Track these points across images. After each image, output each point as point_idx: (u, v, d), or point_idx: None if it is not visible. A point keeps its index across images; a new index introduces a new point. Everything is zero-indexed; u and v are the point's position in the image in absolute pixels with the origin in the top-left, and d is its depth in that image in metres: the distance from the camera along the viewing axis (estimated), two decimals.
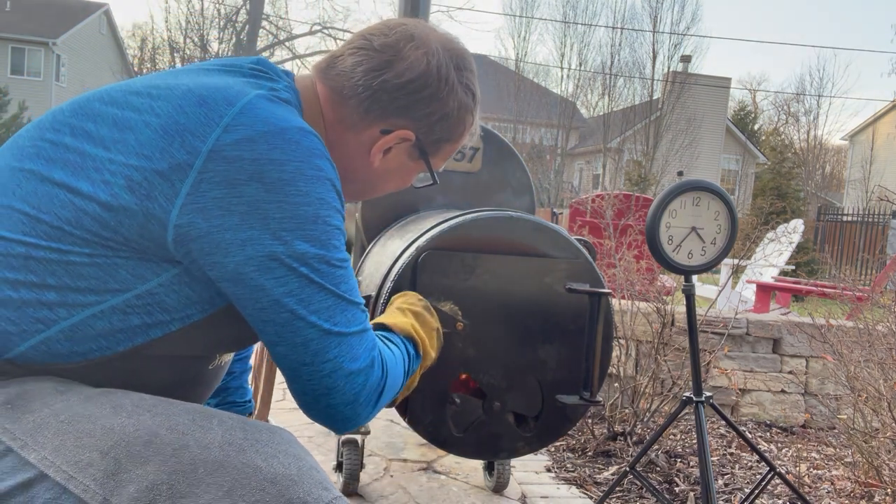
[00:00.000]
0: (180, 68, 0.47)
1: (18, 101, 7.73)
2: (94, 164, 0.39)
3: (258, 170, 0.38)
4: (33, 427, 0.36)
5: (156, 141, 0.39)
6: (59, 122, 0.42)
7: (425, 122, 0.48)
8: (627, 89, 12.30)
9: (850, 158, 13.41)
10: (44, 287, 0.38)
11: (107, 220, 0.38)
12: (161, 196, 0.38)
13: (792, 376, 1.60)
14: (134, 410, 0.37)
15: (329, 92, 0.47)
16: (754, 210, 6.13)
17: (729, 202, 0.92)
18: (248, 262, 0.38)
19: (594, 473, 1.22)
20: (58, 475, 0.34)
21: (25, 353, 0.39)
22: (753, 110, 16.68)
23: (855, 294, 1.55)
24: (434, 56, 0.47)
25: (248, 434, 0.38)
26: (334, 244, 0.41)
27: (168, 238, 0.38)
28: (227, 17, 7.70)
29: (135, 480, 0.34)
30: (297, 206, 0.39)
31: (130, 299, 0.39)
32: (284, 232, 0.39)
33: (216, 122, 0.39)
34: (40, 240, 0.38)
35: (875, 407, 1.15)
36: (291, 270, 0.39)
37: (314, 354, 0.40)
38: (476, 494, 1.08)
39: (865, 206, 7.56)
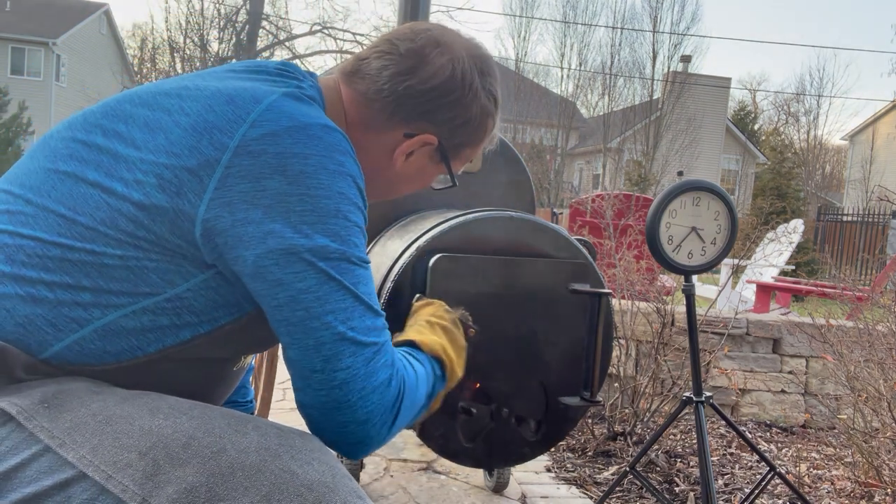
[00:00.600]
0: (208, 71, 0.47)
1: (18, 101, 7.73)
2: (126, 164, 0.40)
3: (282, 163, 0.39)
4: (71, 426, 0.36)
5: (185, 139, 0.40)
6: (91, 123, 0.42)
7: (448, 126, 0.49)
8: (627, 89, 12.33)
9: (850, 158, 13.41)
10: (79, 288, 0.39)
11: (141, 219, 0.39)
12: (190, 192, 0.39)
13: (792, 376, 1.60)
14: (171, 413, 0.38)
15: (353, 94, 0.48)
16: (754, 210, 6.14)
17: (729, 202, 0.92)
18: (269, 255, 0.38)
19: (594, 473, 1.22)
20: (97, 474, 0.34)
21: (60, 352, 0.39)
22: (753, 110, 16.69)
23: (855, 294, 1.55)
24: (459, 62, 0.48)
25: (284, 440, 0.38)
26: (354, 241, 0.40)
27: (196, 234, 0.39)
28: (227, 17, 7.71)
29: (173, 482, 0.34)
30: (318, 198, 0.39)
31: (160, 302, 0.40)
32: (305, 225, 0.39)
33: (243, 118, 0.40)
34: (75, 241, 0.39)
35: (875, 407, 1.15)
36: (310, 265, 0.39)
37: (326, 360, 0.39)
38: (476, 494, 1.08)
39: (865, 206, 7.54)
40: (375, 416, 0.40)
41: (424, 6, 1.14)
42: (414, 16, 1.12)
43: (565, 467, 1.24)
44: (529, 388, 0.76)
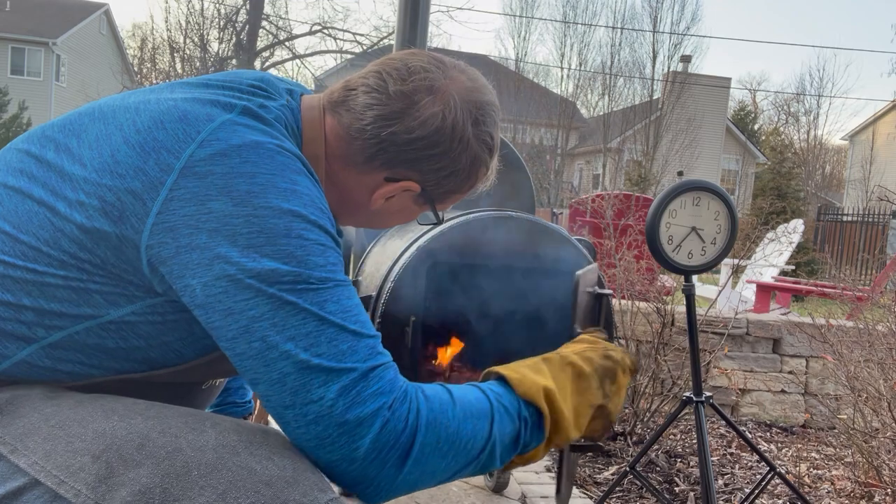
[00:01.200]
0: (182, 82, 0.45)
1: (18, 101, 7.73)
2: (70, 183, 0.38)
3: (227, 183, 0.36)
4: (23, 431, 0.36)
5: (132, 158, 0.37)
6: (47, 136, 0.41)
7: (433, 176, 0.45)
8: (627, 89, 12.32)
9: (850, 158, 13.42)
10: (20, 307, 0.38)
11: (84, 241, 0.37)
12: (133, 217, 0.36)
13: (792, 376, 1.60)
14: (126, 414, 0.37)
15: (336, 125, 0.45)
16: (754, 210, 6.14)
17: (729, 202, 0.92)
18: (216, 283, 0.35)
19: (594, 473, 1.22)
20: (49, 480, 0.34)
21: (9, 370, 0.39)
22: (753, 110, 16.70)
23: (855, 294, 1.55)
24: (451, 112, 0.43)
25: (243, 436, 0.37)
26: (314, 261, 0.36)
27: (143, 262, 0.37)
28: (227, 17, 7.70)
29: (127, 484, 0.33)
30: (265, 218, 0.36)
31: (104, 324, 0.38)
32: (251, 249, 0.35)
33: (192, 137, 0.38)
34: (17, 259, 0.38)
35: (875, 407, 1.15)
36: (259, 291, 0.35)
37: (293, 393, 0.35)
38: (476, 494, 1.08)
39: (865, 206, 7.53)
40: (371, 454, 0.35)
41: (424, 6, 1.13)
42: (414, 16, 1.12)
43: None
44: None
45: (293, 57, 7.92)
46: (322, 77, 8.61)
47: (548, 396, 0.42)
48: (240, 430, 0.38)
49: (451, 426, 0.38)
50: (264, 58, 7.98)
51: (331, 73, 9.33)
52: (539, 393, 0.42)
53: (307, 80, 8.71)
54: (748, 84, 17.96)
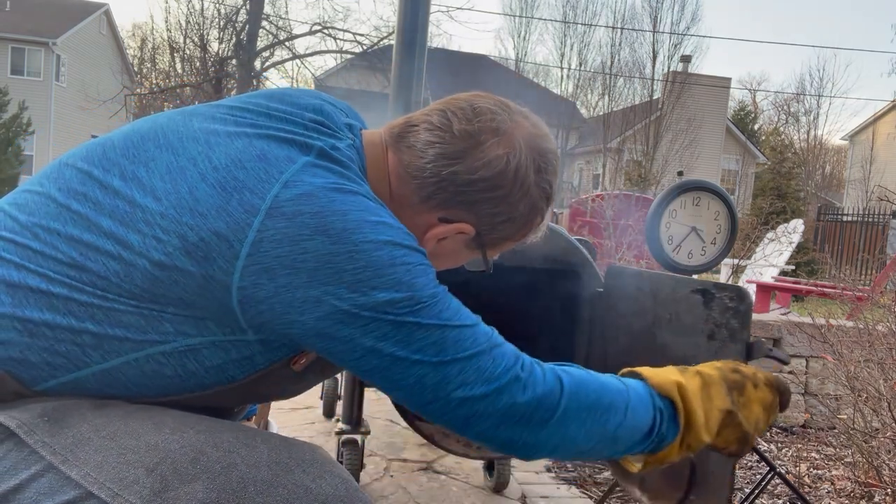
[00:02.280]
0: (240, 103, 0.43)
1: (18, 101, 7.72)
2: (143, 217, 0.37)
3: (321, 223, 0.36)
4: (74, 441, 0.35)
5: (212, 197, 0.37)
6: (110, 160, 0.40)
7: (489, 221, 0.44)
8: (627, 89, 12.31)
9: (850, 158, 13.41)
10: (81, 331, 0.37)
11: (160, 277, 0.37)
12: (220, 258, 0.36)
13: (792, 376, 1.60)
14: (177, 427, 0.37)
15: (398, 164, 0.44)
16: (754, 210, 6.14)
17: (729, 202, 0.92)
18: (329, 317, 0.36)
19: (594, 473, 1.22)
20: (102, 492, 0.33)
21: (54, 388, 0.38)
22: (753, 110, 16.72)
23: (855, 294, 1.55)
24: (515, 157, 0.43)
25: (294, 453, 0.37)
26: (421, 282, 0.38)
27: (233, 301, 0.36)
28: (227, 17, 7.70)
29: (182, 498, 0.33)
30: (368, 252, 0.36)
31: (168, 351, 0.38)
32: (361, 284, 0.36)
33: (275, 178, 0.37)
34: (85, 285, 0.37)
35: (875, 407, 1.15)
36: (378, 319, 0.36)
37: (434, 390, 0.37)
38: (476, 494, 1.08)
39: (865, 206, 7.50)
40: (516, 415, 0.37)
41: (424, 6, 1.13)
42: (414, 16, 1.12)
43: (565, 467, 1.24)
44: None
45: (293, 57, 7.93)
46: (322, 77, 8.60)
47: (681, 390, 0.42)
48: (289, 446, 0.38)
49: (591, 396, 0.39)
50: (264, 58, 7.98)
51: (331, 73, 9.32)
52: (673, 386, 0.42)
53: (307, 81, 8.71)
54: (748, 84, 18.01)
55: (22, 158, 7.48)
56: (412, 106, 1.14)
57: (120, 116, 7.97)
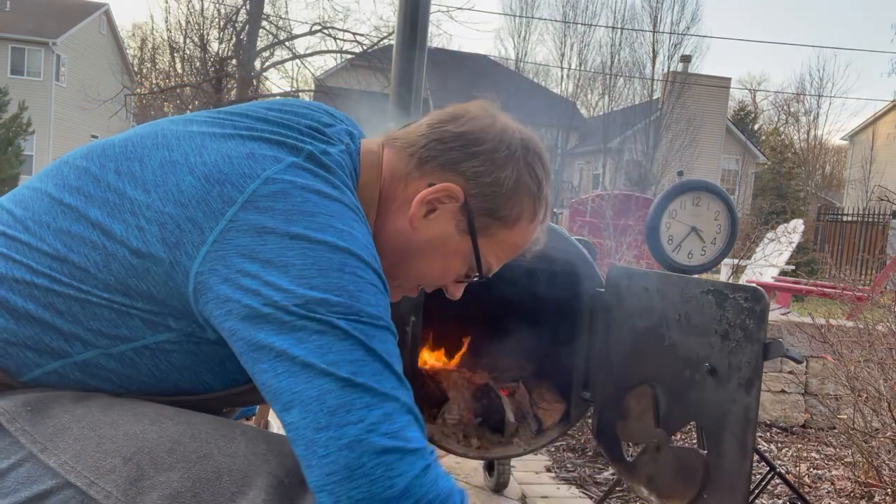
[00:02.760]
0: (241, 110, 0.44)
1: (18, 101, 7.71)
2: (130, 208, 0.38)
3: (287, 219, 0.36)
4: (53, 431, 0.36)
5: (196, 189, 0.38)
6: (108, 156, 0.41)
7: (475, 181, 0.43)
8: (627, 89, 12.29)
9: (850, 158, 13.40)
10: (62, 321, 0.38)
11: (135, 266, 0.37)
12: (189, 244, 0.37)
13: (792, 376, 1.60)
14: (156, 418, 0.37)
15: (391, 151, 0.45)
16: (754, 210, 6.14)
17: (729, 202, 0.92)
18: (262, 307, 0.34)
19: (594, 473, 1.22)
20: (78, 480, 0.34)
21: (40, 377, 0.39)
22: (753, 110, 16.70)
23: (855, 294, 1.54)
24: (502, 125, 0.45)
25: (272, 445, 0.37)
26: (367, 298, 0.36)
27: (189, 289, 0.37)
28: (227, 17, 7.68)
29: (158, 487, 0.33)
30: (321, 252, 0.35)
31: (138, 348, 0.39)
32: (303, 279, 0.35)
33: (258, 174, 0.38)
34: (64, 277, 0.38)
35: (875, 407, 1.15)
36: (307, 317, 0.34)
37: (331, 413, 0.32)
38: (476, 494, 1.08)
39: (865, 206, 7.50)
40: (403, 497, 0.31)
41: (424, 6, 1.13)
42: (414, 16, 1.12)
43: (565, 467, 1.24)
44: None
45: (293, 57, 7.91)
46: (322, 77, 8.59)
47: None
48: (269, 439, 0.38)
49: None
50: (264, 58, 7.97)
51: (331, 72, 9.31)
52: None
53: (307, 81, 8.71)
54: (748, 84, 18.01)
55: (22, 158, 7.47)
56: (412, 106, 1.14)
57: (120, 116, 7.97)
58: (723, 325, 0.68)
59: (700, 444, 0.77)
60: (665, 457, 0.77)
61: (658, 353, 0.77)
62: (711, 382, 0.69)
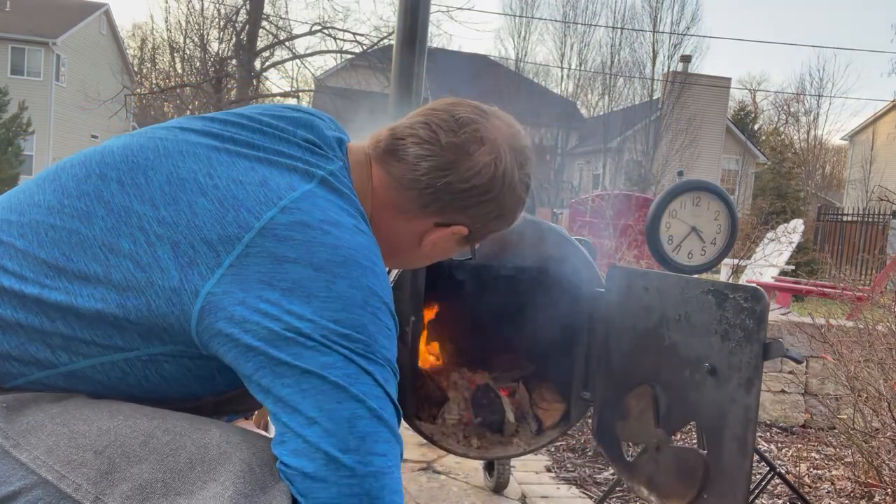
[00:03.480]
0: (234, 119, 0.44)
1: (18, 101, 7.72)
2: (138, 223, 0.38)
3: (308, 251, 0.37)
4: (27, 428, 0.36)
5: (210, 210, 0.38)
6: (109, 165, 0.41)
7: (482, 220, 0.48)
8: (627, 89, 12.29)
9: (850, 158, 13.41)
10: (51, 331, 0.38)
11: (137, 278, 0.37)
12: (203, 265, 0.37)
13: (792, 376, 1.60)
14: (131, 414, 0.37)
15: (387, 177, 0.46)
16: (754, 210, 6.14)
17: (729, 202, 0.92)
18: (284, 332, 0.35)
19: (594, 473, 1.22)
20: (49, 475, 0.34)
21: (23, 386, 0.39)
22: (753, 110, 16.68)
23: (855, 294, 1.54)
24: (501, 162, 0.46)
25: (247, 436, 0.38)
26: (382, 342, 0.37)
27: (194, 308, 0.36)
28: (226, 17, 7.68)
29: (128, 479, 0.34)
30: (347, 288, 0.37)
31: (131, 359, 0.38)
32: (326, 311, 0.36)
33: (274, 202, 0.38)
34: (59, 285, 0.38)
35: (875, 407, 1.14)
36: (330, 347, 0.35)
37: (362, 438, 0.35)
38: (476, 494, 1.08)
39: (865, 206, 7.52)
40: None
41: (424, 6, 1.13)
42: (414, 16, 1.12)
43: (565, 467, 1.24)
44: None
45: (293, 57, 7.91)
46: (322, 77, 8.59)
47: None
48: (245, 433, 0.39)
49: None
50: (264, 58, 7.98)
51: (331, 73, 9.32)
52: None
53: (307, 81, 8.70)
54: (748, 84, 17.97)
55: (22, 158, 7.48)
56: (412, 106, 1.14)
57: (120, 116, 7.96)
58: (723, 325, 0.68)
59: (700, 444, 0.77)
60: (665, 457, 0.77)
61: (658, 354, 0.77)
62: (711, 382, 0.69)
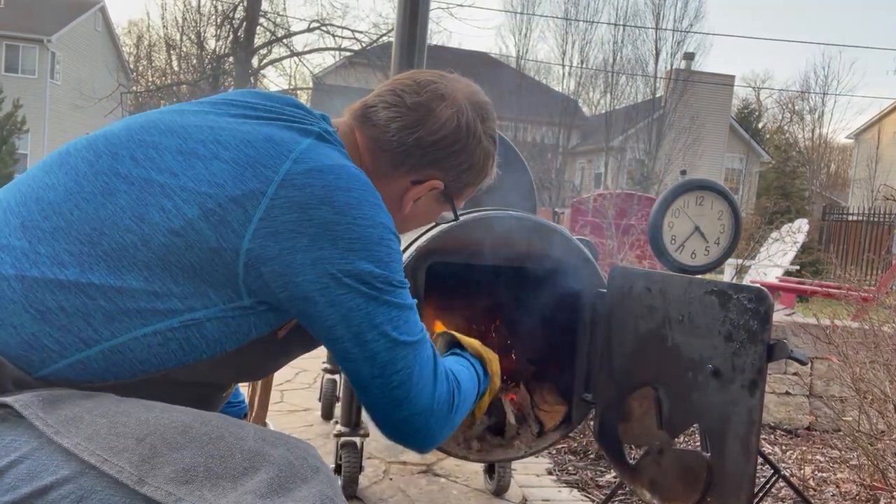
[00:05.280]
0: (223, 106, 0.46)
1: (13, 98, 7.70)
2: (162, 191, 0.40)
3: (328, 195, 0.41)
4: (66, 418, 0.36)
5: (227, 170, 0.41)
6: (116, 144, 0.43)
7: (454, 172, 0.52)
8: (630, 87, 12.26)
9: (856, 157, 13.33)
10: (93, 308, 0.39)
11: (175, 244, 0.40)
12: (235, 222, 0.40)
13: (796, 378, 1.59)
14: (166, 409, 0.39)
15: (367, 140, 0.51)
16: (758, 209, 6.10)
17: (732, 201, 0.91)
18: (318, 281, 0.41)
19: (596, 476, 1.21)
20: (92, 458, 0.35)
21: (62, 369, 0.39)
22: (757, 108, 16.58)
23: (860, 295, 1.53)
24: (463, 114, 0.51)
25: (279, 435, 0.40)
26: (396, 267, 0.44)
27: (239, 264, 0.40)
28: (224, 14, 7.66)
29: (171, 463, 0.34)
30: (365, 228, 0.42)
31: (175, 325, 0.40)
32: (352, 252, 0.41)
33: (286, 155, 0.42)
34: (98, 262, 0.39)
35: (881, 409, 1.13)
36: (355, 288, 0.41)
37: (382, 367, 0.43)
38: (476, 498, 1.07)
39: (871, 205, 7.44)
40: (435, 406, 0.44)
41: (424, 3, 1.12)
42: (413, 13, 1.11)
43: (567, 470, 1.23)
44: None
45: (291, 54, 7.90)
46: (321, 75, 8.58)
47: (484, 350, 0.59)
48: (272, 431, 0.41)
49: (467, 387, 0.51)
50: (262, 55, 7.95)
51: (329, 70, 9.30)
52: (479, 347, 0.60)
53: (305, 79, 8.70)
54: (752, 82, 17.87)
55: (16, 157, 7.46)
56: None
57: (116, 114, 7.96)
58: (726, 326, 0.67)
59: (703, 447, 0.76)
60: (668, 459, 0.76)
61: (661, 355, 0.76)
62: (715, 384, 0.69)
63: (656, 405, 0.77)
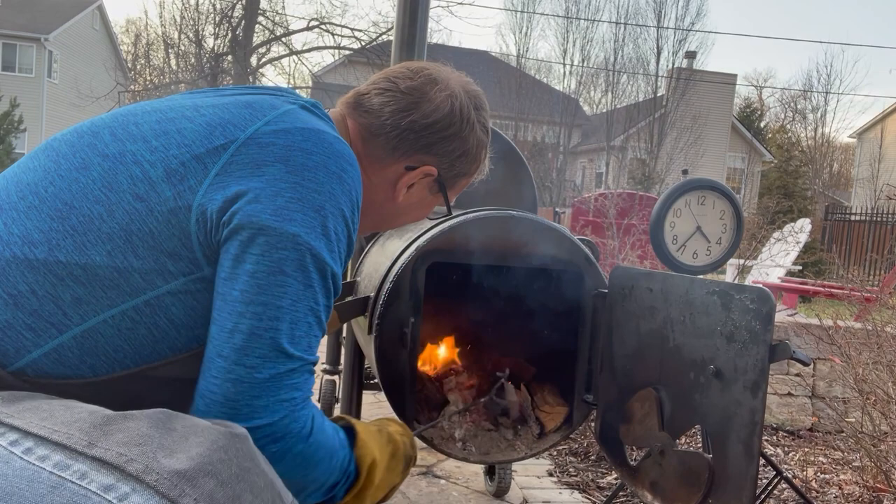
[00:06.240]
0: (210, 91, 0.48)
1: (10, 97, 7.69)
2: (133, 158, 0.41)
3: (286, 154, 0.41)
4: (24, 408, 0.36)
5: (197, 132, 0.41)
6: (98, 125, 0.44)
7: (447, 158, 0.52)
8: (631, 86, 12.21)
9: (858, 156, 13.27)
10: (62, 290, 0.39)
11: (139, 210, 0.39)
12: (192, 178, 0.40)
13: (799, 379, 1.58)
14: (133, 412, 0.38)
15: (359, 127, 0.51)
16: (760, 209, 6.07)
17: (734, 201, 0.90)
18: (242, 228, 0.39)
19: (597, 478, 1.21)
20: (41, 431, 0.34)
21: (38, 360, 0.39)
22: (760, 107, 16.51)
23: (863, 295, 1.52)
24: (457, 98, 0.51)
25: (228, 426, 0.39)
26: (324, 244, 0.41)
27: (192, 221, 0.39)
28: (222, 13, 7.62)
29: (124, 430, 0.34)
30: (309, 191, 0.40)
31: (139, 305, 0.40)
32: (285, 210, 0.40)
33: (259, 118, 0.42)
34: (64, 238, 0.39)
35: (884, 410, 1.13)
36: (270, 248, 0.39)
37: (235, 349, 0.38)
38: (477, 499, 1.07)
39: (874, 205, 7.41)
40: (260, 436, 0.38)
41: (424, 1, 1.11)
42: (413, 11, 1.10)
43: (567, 471, 1.23)
44: None
45: (290, 53, 7.87)
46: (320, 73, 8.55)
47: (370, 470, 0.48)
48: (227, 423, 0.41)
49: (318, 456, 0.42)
50: (260, 54, 7.93)
51: (328, 69, 9.27)
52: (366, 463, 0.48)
53: (304, 77, 8.68)
54: (754, 81, 17.90)
55: (13, 156, 7.45)
56: None
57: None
58: (728, 326, 0.66)
59: (705, 448, 0.75)
60: (669, 461, 0.75)
61: (662, 355, 0.76)
62: (717, 385, 0.68)
63: (658, 406, 0.76)
